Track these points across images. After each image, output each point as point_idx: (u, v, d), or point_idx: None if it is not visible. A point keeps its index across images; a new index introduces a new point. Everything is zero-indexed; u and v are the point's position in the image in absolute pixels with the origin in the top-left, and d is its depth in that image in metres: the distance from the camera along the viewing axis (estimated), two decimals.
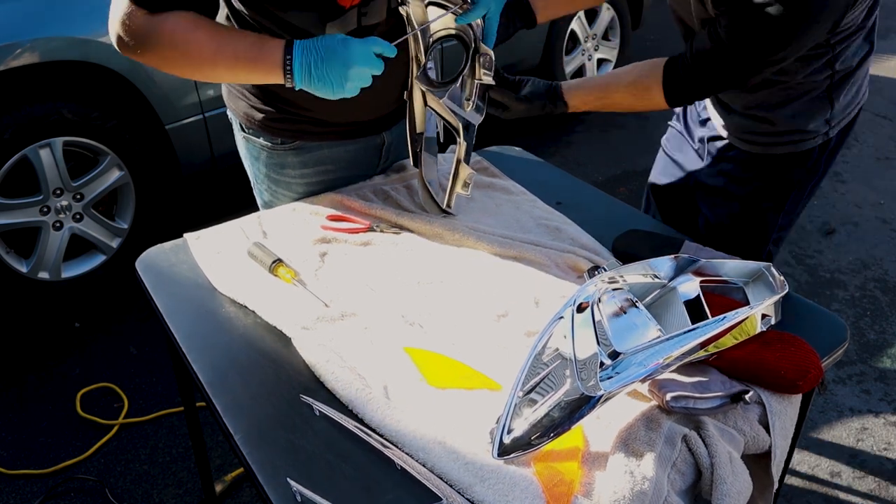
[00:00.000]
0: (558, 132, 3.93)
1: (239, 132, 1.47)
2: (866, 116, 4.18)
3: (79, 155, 2.43)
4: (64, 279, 2.50)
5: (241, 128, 1.45)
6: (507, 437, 0.93)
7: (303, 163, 1.44)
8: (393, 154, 1.56)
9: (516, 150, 1.78)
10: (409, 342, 1.13)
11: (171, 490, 1.97)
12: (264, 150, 1.44)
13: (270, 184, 1.49)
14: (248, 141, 1.45)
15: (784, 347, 1.06)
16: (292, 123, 1.39)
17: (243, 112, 1.41)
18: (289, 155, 1.43)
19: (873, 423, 2.23)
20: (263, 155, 1.45)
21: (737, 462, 0.96)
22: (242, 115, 1.41)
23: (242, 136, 1.46)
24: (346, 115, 1.39)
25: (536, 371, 0.96)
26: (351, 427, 0.98)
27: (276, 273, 1.26)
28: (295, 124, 1.39)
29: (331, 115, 1.38)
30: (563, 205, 1.51)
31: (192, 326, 1.19)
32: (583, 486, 0.90)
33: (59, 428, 2.14)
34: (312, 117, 1.38)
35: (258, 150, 1.44)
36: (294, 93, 1.18)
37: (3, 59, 2.17)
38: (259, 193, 1.55)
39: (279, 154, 1.43)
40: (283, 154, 1.43)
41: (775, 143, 1.43)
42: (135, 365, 2.37)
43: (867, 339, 2.56)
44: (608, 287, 1.05)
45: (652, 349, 0.93)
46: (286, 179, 1.47)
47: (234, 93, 1.42)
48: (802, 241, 3.11)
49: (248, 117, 1.41)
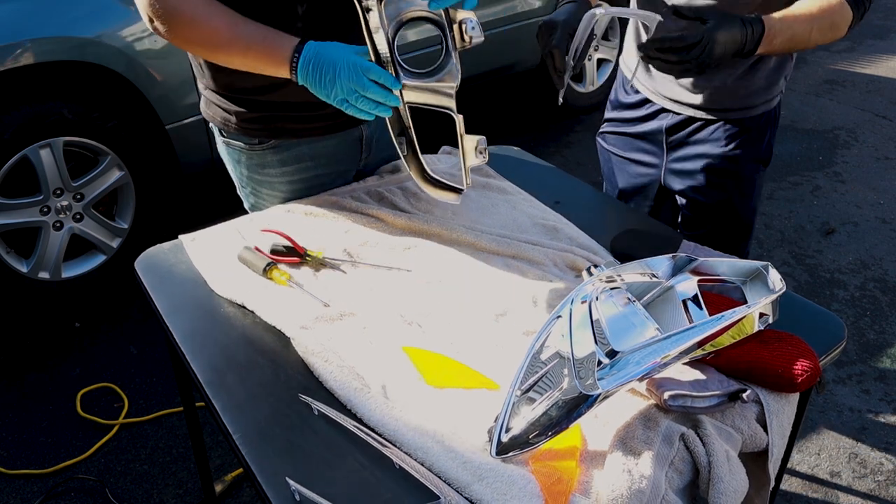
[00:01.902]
0: (558, 132, 3.93)
1: (219, 138, 1.49)
2: (866, 116, 4.19)
3: (79, 155, 2.44)
4: (64, 279, 2.51)
5: (220, 133, 1.47)
6: (505, 435, 0.93)
7: (282, 161, 1.45)
8: (376, 146, 1.56)
9: (515, 150, 1.78)
10: (407, 342, 1.13)
11: (171, 490, 1.97)
12: (244, 153, 1.45)
13: (254, 185, 1.50)
14: (228, 145, 1.47)
15: (782, 346, 1.06)
16: (267, 123, 1.40)
17: (220, 117, 1.43)
18: (268, 154, 1.44)
19: (873, 423, 2.23)
20: (244, 157, 1.46)
21: (734, 460, 0.97)
22: (219, 121, 1.43)
23: (222, 140, 1.48)
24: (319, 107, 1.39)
25: (534, 370, 0.96)
26: (349, 426, 0.98)
27: (269, 276, 1.26)
28: (270, 123, 1.40)
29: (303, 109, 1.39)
30: (562, 204, 1.51)
31: (191, 326, 1.19)
32: (581, 485, 0.90)
33: (60, 428, 2.14)
34: (286, 114, 1.39)
35: (238, 152, 1.46)
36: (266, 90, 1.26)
37: (3, 60, 2.18)
38: (245, 197, 1.55)
39: (258, 154, 1.44)
40: (262, 154, 1.44)
41: (750, 105, 1.50)
42: (135, 365, 2.37)
43: (867, 338, 2.57)
44: (606, 286, 1.05)
45: (650, 348, 0.94)
46: (268, 179, 1.47)
47: (208, 100, 1.44)
48: (802, 241, 3.11)
49: (224, 121, 1.43)
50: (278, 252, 1.29)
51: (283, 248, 1.30)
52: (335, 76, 1.16)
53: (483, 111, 4.10)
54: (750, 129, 1.52)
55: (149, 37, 2.40)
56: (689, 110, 1.53)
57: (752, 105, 1.51)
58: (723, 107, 1.51)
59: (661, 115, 1.58)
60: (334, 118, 1.42)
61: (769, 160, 1.59)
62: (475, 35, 1.20)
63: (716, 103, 1.50)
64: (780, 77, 1.51)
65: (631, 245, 1.34)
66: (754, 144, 1.53)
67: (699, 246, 1.32)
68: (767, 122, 1.54)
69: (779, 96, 1.54)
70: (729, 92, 1.48)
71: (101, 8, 2.35)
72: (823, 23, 1.29)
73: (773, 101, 1.53)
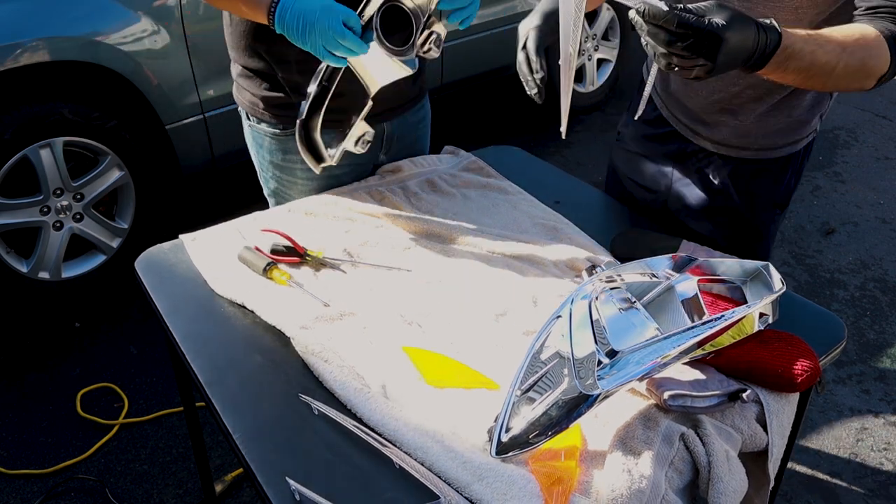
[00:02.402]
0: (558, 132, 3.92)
1: (245, 122, 1.53)
2: (866, 116, 4.18)
3: (79, 155, 2.44)
4: (64, 279, 2.51)
5: (247, 116, 1.51)
6: (505, 435, 0.93)
7: None
8: (396, 144, 1.58)
9: (515, 150, 1.78)
10: (407, 341, 1.13)
11: (171, 490, 1.97)
12: (268, 137, 1.49)
13: (275, 170, 1.53)
14: (253, 129, 1.51)
15: (782, 346, 1.06)
16: (295, 109, 1.40)
17: (248, 101, 1.47)
18: (291, 141, 1.44)
19: (873, 423, 2.23)
20: (267, 142, 1.49)
21: (734, 460, 0.97)
22: (248, 104, 1.48)
23: (248, 124, 1.52)
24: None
25: (534, 370, 0.96)
26: (349, 426, 0.98)
27: (270, 276, 1.26)
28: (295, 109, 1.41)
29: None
30: (562, 204, 1.51)
31: (191, 326, 1.19)
32: (581, 485, 0.90)
33: (60, 428, 2.14)
34: None
35: (262, 136, 1.50)
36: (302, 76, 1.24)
37: (3, 59, 2.18)
38: (265, 182, 1.58)
39: (282, 140, 1.48)
40: (286, 140, 1.47)
41: (772, 146, 1.38)
42: (135, 365, 2.37)
43: (867, 338, 2.56)
44: (606, 286, 1.05)
45: (650, 348, 0.94)
46: (290, 165, 1.50)
47: (239, 85, 1.49)
48: (802, 241, 3.11)
49: (252, 105, 1.47)
50: (278, 252, 1.29)
51: (283, 247, 1.30)
52: (313, 24, 1.15)
53: (483, 111, 4.10)
54: (763, 173, 1.39)
55: (149, 37, 2.40)
56: (703, 141, 1.42)
57: (769, 147, 1.37)
58: (733, 144, 1.38)
59: (673, 138, 1.47)
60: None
61: (786, 203, 1.45)
62: (432, 51, 1.19)
63: (730, 138, 1.38)
64: (812, 116, 1.33)
65: (631, 245, 1.34)
66: (767, 189, 1.40)
67: (699, 246, 1.31)
68: (788, 165, 1.39)
69: (809, 136, 1.37)
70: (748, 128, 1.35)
71: (100, 8, 2.35)
72: (853, 59, 1.04)
73: (798, 144, 1.37)
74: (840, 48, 1.03)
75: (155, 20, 2.40)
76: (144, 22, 2.39)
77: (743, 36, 0.94)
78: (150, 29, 2.40)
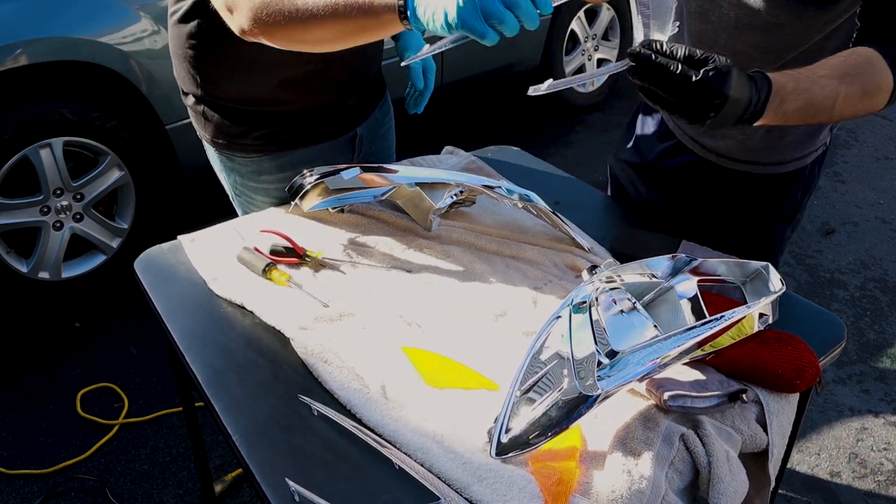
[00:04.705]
0: (558, 132, 3.93)
1: (208, 146, 1.47)
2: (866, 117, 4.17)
3: (79, 155, 2.44)
4: (64, 279, 2.51)
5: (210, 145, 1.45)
6: (504, 436, 0.93)
7: (280, 167, 1.43)
8: (366, 146, 1.55)
9: (515, 150, 1.78)
10: (406, 342, 1.13)
11: (171, 490, 1.97)
12: (236, 160, 1.43)
13: (249, 193, 1.47)
14: (220, 153, 1.45)
15: (782, 346, 1.06)
16: (265, 140, 1.39)
17: (209, 136, 1.42)
18: (264, 161, 1.42)
19: (873, 423, 2.23)
20: (237, 165, 1.44)
21: (734, 461, 0.97)
22: (209, 139, 1.43)
23: (214, 149, 1.46)
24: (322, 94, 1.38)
25: (534, 370, 0.96)
26: (349, 427, 0.98)
27: (269, 277, 1.26)
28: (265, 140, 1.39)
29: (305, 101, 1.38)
30: (562, 204, 1.51)
31: (190, 327, 1.19)
32: (581, 485, 0.90)
33: (59, 428, 2.14)
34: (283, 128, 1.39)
35: (230, 160, 1.44)
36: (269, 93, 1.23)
37: (2, 60, 2.18)
38: (239, 206, 1.53)
39: (254, 161, 1.42)
40: (259, 161, 1.42)
41: (780, 161, 1.37)
42: (135, 365, 2.37)
43: (867, 339, 2.56)
44: (606, 286, 1.05)
45: (649, 348, 0.93)
46: (265, 186, 1.45)
47: (199, 119, 1.42)
48: (802, 241, 3.11)
49: (214, 140, 1.42)
50: (278, 252, 1.29)
51: (282, 248, 1.30)
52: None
53: (483, 111, 4.10)
54: (770, 187, 1.37)
55: (149, 37, 2.40)
56: (708, 154, 1.40)
57: (778, 162, 1.36)
58: (747, 159, 1.37)
59: (680, 151, 1.45)
60: (331, 112, 1.42)
61: (794, 216, 1.44)
62: None
63: (737, 152, 1.37)
64: (819, 131, 1.34)
65: (631, 245, 1.34)
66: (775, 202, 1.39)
67: (699, 246, 1.31)
68: (794, 180, 1.38)
69: (813, 154, 1.37)
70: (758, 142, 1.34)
71: (100, 8, 2.35)
72: (853, 90, 1.01)
73: (806, 160, 1.37)
74: (837, 79, 1.01)
75: (155, 20, 2.40)
76: (144, 22, 2.39)
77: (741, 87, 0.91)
78: (150, 29, 2.40)
